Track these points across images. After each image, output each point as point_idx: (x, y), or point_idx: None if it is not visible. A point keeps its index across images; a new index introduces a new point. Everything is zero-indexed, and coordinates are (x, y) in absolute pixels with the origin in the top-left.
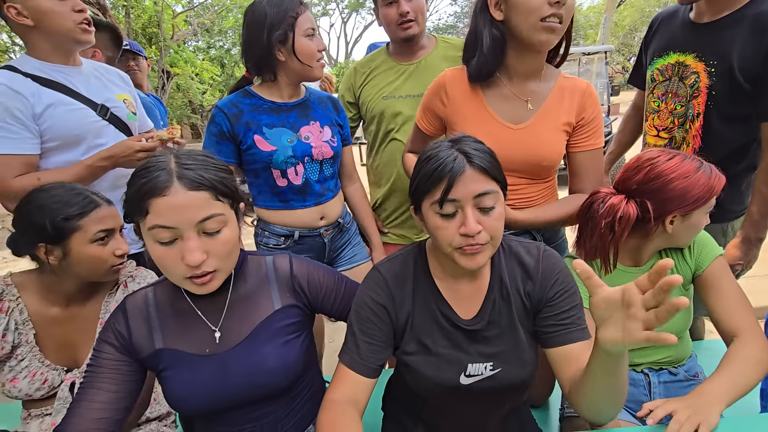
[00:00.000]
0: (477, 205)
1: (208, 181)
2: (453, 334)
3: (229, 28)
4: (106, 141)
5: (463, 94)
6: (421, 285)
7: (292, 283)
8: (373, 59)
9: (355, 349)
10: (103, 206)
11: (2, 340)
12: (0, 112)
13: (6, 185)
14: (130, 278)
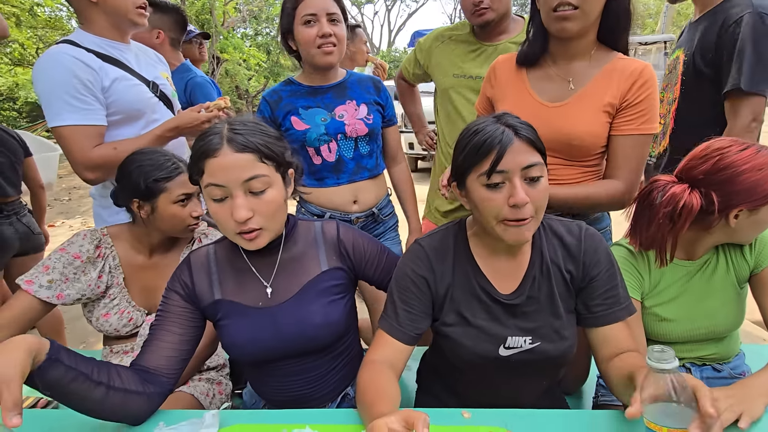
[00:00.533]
0: (524, 176)
1: (253, 144)
2: (492, 307)
3: (276, 15)
4: (159, 116)
5: (508, 75)
6: (461, 259)
7: (338, 247)
8: (456, 29)
9: (394, 317)
10: (184, 173)
11: (98, 280)
12: (75, 83)
13: (86, 155)
14: (204, 235)
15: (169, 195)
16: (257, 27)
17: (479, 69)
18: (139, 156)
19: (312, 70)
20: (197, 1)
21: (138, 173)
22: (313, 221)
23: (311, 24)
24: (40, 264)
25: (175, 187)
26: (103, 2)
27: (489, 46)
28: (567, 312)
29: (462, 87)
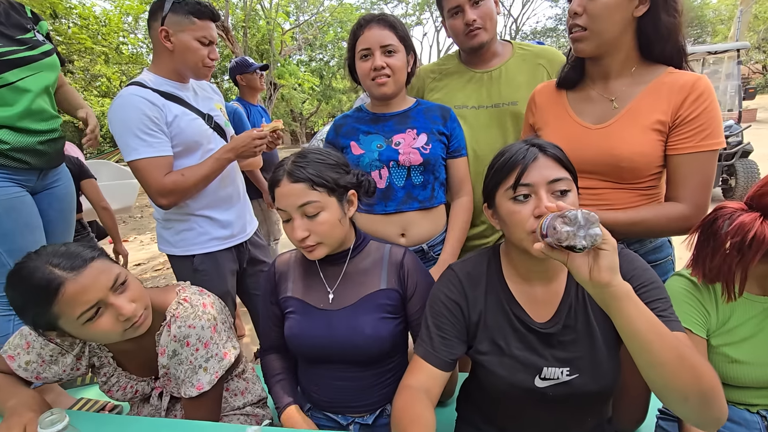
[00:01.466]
0: (551, 190)
1: (305, 175)
2: (527, 336)
3: (329, 41)
4: (213, 146)
5: (548, 100)
6: (494, 286)
7: (399, 271)
8: (444, 63)
9: (428, 342)
10: (68, 281)
11: (77, 362)
12: (145, 120)
13: (160, 183)
14: (173, 318)
15: (68, 319)
16: (311, 53)
17: (478, 97)
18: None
19: (374, 99)
20: (258, 33)
21: (19, 310)
22: (384, 243)
23: (367, 58)
24: (24, 337)
25: (66, 308)
26: (178, 53)
27: (483, 73)
28: (608, 343)
29: (463, 118)
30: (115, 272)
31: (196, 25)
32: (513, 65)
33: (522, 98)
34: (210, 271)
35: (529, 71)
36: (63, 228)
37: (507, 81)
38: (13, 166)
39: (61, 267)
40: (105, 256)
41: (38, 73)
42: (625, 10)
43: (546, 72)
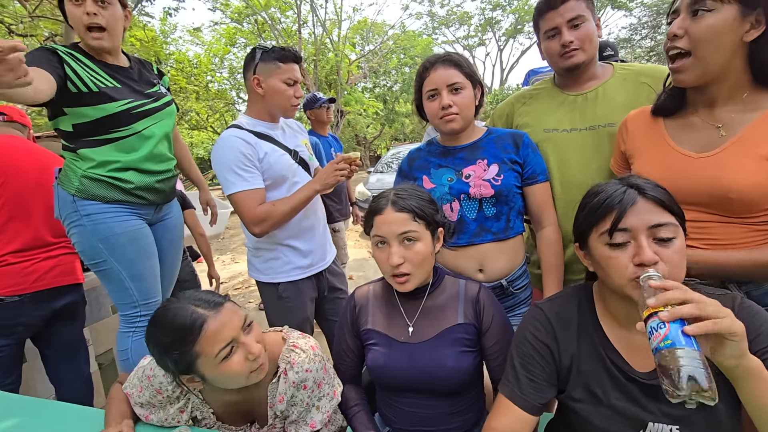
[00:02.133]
0: (652, 235)
1: (409, 206)
2: (627, 387)
3: (392, 68)
4: (299, 179)
5: (642, 127)
6: (587, 330)
7: (474, 305)
8: (536, 88)
9: (515, 383)
10: (210, 318)
11: (180, 414)
12: (241, 158)
13: (253, 213)
14: (289, 365)
15: (206, 358)
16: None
17: (571, 120)
18: (153, 327)
19: (443, 134)
20: (326, 65)
21: (159, 352)
22: (459, 278)
23: (434, 98)
24: (140, 380)
25: (208, 345)
26: (268, 96)
27: (578, 95)
28: (728, 400)
29: (553, 142)
30: (243, 314)
31: (282, 69)
32: (612, 85)
33: (620, 119)
34: (293, 298)
35: (631, 91)
36: (173, 255)
37: (604, 102)
38: (136, 202)
39: (202, 307)
40: (232, 301)
41: (160, 121)
42: (734, 34)
43: (651, 90)
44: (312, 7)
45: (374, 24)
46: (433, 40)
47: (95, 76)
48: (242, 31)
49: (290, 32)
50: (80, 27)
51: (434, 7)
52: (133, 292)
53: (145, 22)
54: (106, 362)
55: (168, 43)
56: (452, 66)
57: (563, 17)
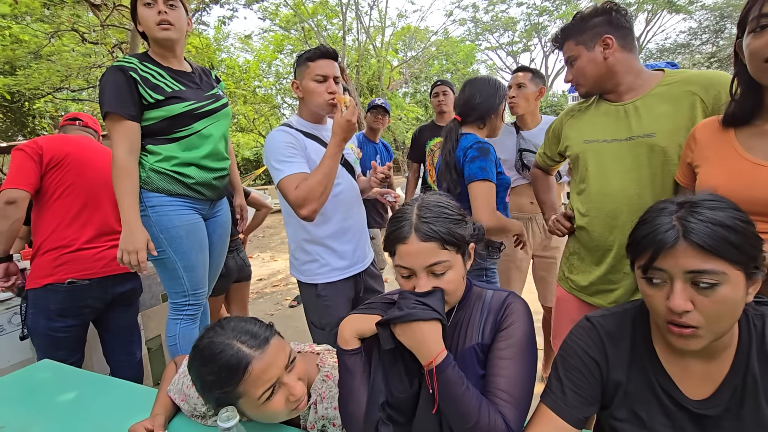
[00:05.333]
0: (691, 280)
1: (437, 234)
2: (676, 414)
3: (434, 74)
4: (341, 180)
5: (710, 136)
6: (639, 351)
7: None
8: (585, 101)
9: (560, 395)
10: (255, 360)
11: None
12: (287, 147)
13: (294, 194)
14: (319, 398)
15: (249, 399)
16: (416, 86)
17: (610, 131)
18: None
19: None
20: (369, 71)
21: (202, 387)
22: (487, 288)
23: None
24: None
25: (252, 387)
26: (305, 97)
27: (619, 106)
28: None
29: (592, 152)
30: (288, 350)
31: (310, 67)
32: (653, 96)
33: (661, 130)
34: (330, 297)
35: (675, 100)
36: (221, 249)
37: (644, 112)
38: (194, 196)
39: (248, 345)
40: (277, 332)
41: (218, 122)
42: None
43: (698, 99)
44: (357, 14)
45: (417, 30)
46: (476, 46)
47: (163, 81)
48: (289, 38)
49: (335, 39)
50: (152, 24)
51: (478, 13)
52: (184, 282)
53: (200, 30)
54: (155, 347)
55: (220, 50)
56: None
57: (565, 56)
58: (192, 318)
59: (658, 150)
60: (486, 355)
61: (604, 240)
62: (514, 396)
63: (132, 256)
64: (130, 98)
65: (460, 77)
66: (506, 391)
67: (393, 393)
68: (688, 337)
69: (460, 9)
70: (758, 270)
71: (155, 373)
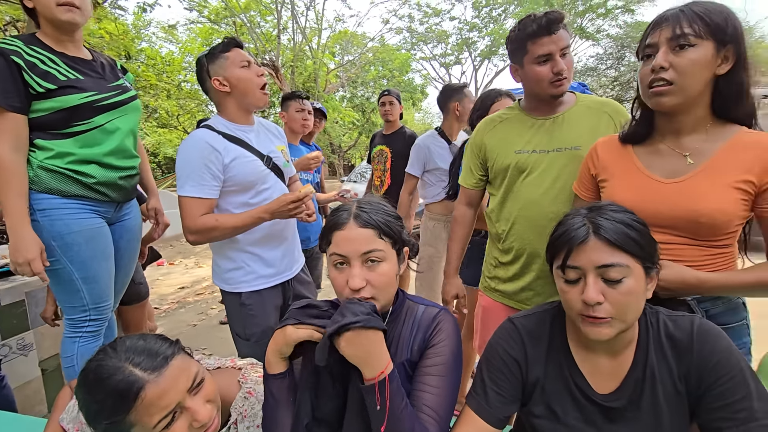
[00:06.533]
0: (601, 275)
1: (374, 221)
2: (587, 408)
3: (370, 79)
4: (269, 186)
5: (612, 152)
6: (556, 348)
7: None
8: (504, 113)
9: (483, 395)
10: (148, 384)
11: None
12: (199, 164)
13: (192, 221)
14: (240, 416)
15: (143, 428)
16: (353, 90)
17: (538, 143)
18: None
19: None
20: (305, 72)
21: (88, 414)
22: (420, 304)
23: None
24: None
25: (145, 415)
26: (234, 87)
27: (546, 119)
28: (676, 425)
29: (522, 162)
30: (194, 371)
31: (230, 57)
32: (576, 112)
33: (585, 144)
34: (255, 306)
35: (594, 118)
36: (129, 257)
37: (570, 126)
38: (96, 198)
39: (141, 367)
40: (182, 350)
41: (125, 116)
42: (710, 67)
43: (611, 120)
44: (293, 14)
45: (354, 35)
46: (411, 56)
47: (55, 68)
48: (219, 32)
49: (269, 37)
50: (51, 2)
51: (414, 24)
52: (84, 295)
53: (117, 15)
54: (51, 368)
55: (140, 38)
56: None
57: (557, 45)
58: (94, 335)
59: (582, 161)
60: (413, 372)
61: (532, 247)
62: (438, 414)
63: (24, 268)
64: (13, 87)
65: (395, 84)
66: (432, 408)
67: (318, 413)
68: (601, 325)
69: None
70: (653, 267)
71: (50, 399)
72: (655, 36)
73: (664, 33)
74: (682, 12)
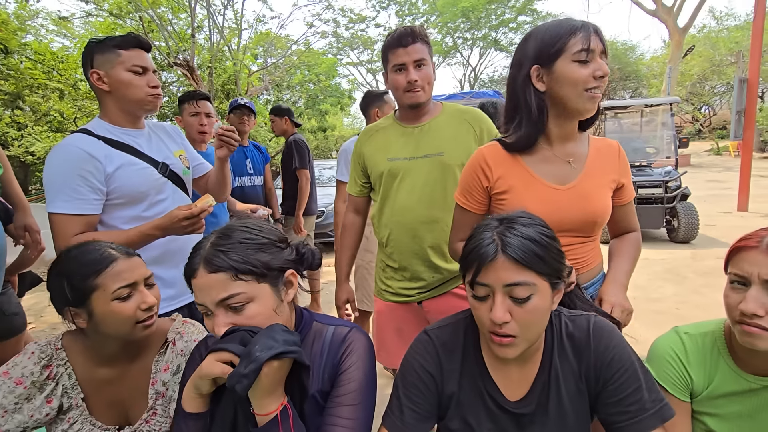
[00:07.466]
0: (509, 293)
1: (226, 263)
2: (499, 417)
3: (296, 83)
4: (165, 196)
5: (504, 164)
6: (470, 360)
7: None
8: (381, 123)
9: (399, 414)
10: (120, 260)
11: (47, 405)
12: (72, 174)
13: (65, 242)
14: (178, 335)
15: (104, 293)
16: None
17: (408, 150)
18: (60, 258)
19: None
20: (224, 74)
21: (59, 278)
22: (329, 324)
23: None
24: None
25: (109, 280)
26: (115, 90)
27: (414, 128)
28: (579, 425)
29: (395, 169)
30: (150, 272)
31: (123, 56)
32: (440, 121)
33: (448, 149)
34: None
35: (455, 126)
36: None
37: (434, 134)
38: None
39: (116, 250)
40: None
41: None
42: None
43: (470, 127)
44: (209, 12)
45: (277, 37)
46: (338, 60)
47: None
48: (124, 28)
49: (184, 36)
50: None
51: (339, 29)
52: None
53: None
54: None
55: (24, 30)
56: None
57: (410, 56)
58: None
59: (446, 167)
60: (326, 402)
61: (409, 248)
62: None
63: None
64: None
65: (322, 89)
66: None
67: None
68: (507, 346)
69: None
70: (560, 281)
71: None
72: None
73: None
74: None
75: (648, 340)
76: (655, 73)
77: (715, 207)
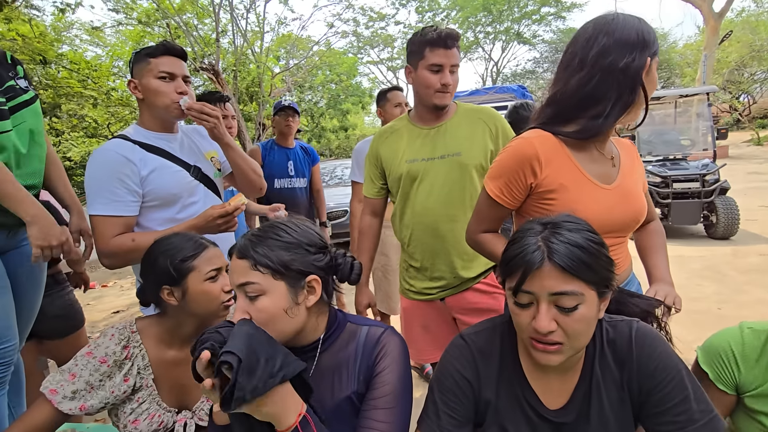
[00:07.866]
0: (554, 302)
1: (249, 252)
2: (539, 426)
3: (318, 84)
4: (197, 199)
5: (556, 160)
6: (507, 366)
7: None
8: (395, 125)
9: (435, 419)
10: (210, 248)
11: (124, 384)
12: (109, 177)
13: (105, 243)
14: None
15: (198, 273)
16: (301, 95)
17: (426, 151)
18: (160, 243)
19: None
20: (248, 76)
21: (163, 258)
22: (363, 324)
23: None
24: (67, 370)
25: (203, 263)
26: (146, 97)
27: (431, 129)
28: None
29: (414, 170)
30: (228, 262)
31: (152, 63)
32: (455, 121)
33: (464, 149)
34: None
35: (470, 126)
36: (32, 287)
37: (451, 135)
38: None
39: (205, 240)
40: None
41: (21, 123)
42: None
43: (485, 126)
44: (232, 16)
45: (299, 39)
46: (358, 59)
47: None
48: (152, 35)
49: (209, 40)
50: None
51: (359, 28)
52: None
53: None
54: None
55: (61, 41)
56: None
57: (449, 59)
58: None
59: (464, 167)
60: (361, 403)
61: (430, 248)
62: None
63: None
64: None
65: (344, 88)
66: None
67: None
68: (551, 352)
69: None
70: (608, 289)
71: None
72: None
73: None
74: None
75: (690, 342)
76: (689, 61)
77: (757, 201)
